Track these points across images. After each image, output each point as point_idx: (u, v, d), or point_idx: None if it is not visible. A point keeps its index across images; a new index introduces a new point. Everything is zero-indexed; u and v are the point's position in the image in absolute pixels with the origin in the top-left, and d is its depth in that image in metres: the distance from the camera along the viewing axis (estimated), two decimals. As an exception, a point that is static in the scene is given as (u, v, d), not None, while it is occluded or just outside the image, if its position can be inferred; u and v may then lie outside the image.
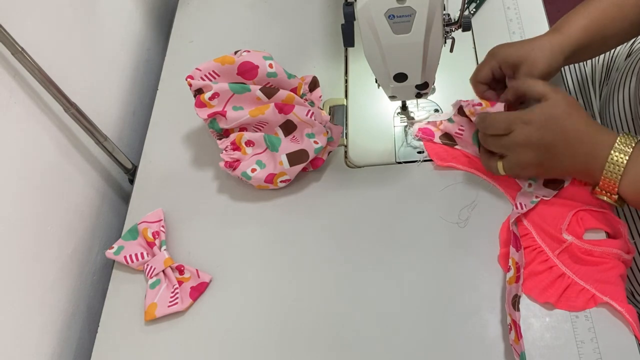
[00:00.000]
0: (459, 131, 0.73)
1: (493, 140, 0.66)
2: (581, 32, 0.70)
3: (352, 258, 0.69)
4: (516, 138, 0.63)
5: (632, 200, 0.63)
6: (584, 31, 0.70)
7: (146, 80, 0.97)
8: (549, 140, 0.62)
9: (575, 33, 0.70)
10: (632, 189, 0.61)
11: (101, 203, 0.83)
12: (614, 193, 0.62)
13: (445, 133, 0.75)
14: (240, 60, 0.73)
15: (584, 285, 0.62)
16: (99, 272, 0.80)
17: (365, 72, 0.73)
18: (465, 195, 0.71)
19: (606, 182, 0.62)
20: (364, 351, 0.63)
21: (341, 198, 0.74)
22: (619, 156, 0.60)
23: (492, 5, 0.88)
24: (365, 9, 0.59)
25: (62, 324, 0.71)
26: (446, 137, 0.75)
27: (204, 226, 0.75)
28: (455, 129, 0.74)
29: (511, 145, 0.64)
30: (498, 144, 0.66)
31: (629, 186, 0.61)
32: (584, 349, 0.59)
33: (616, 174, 0.60)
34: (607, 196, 0.63)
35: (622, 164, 0.60)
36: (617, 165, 0.60)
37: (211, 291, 0.69)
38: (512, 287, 0.62)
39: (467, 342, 0.62)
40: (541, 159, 0.64)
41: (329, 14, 0.94)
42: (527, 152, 0.64)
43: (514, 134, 0.63)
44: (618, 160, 0.60)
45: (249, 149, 0.74)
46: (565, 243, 0.65)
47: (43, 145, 0.71)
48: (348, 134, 0.80)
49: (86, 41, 0.82)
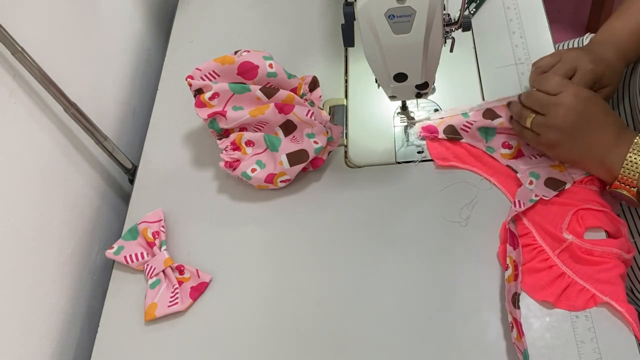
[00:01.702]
0: (467, 124, 0.74)
1: (537, 96, 0.67)
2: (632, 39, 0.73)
3: (352, 258, 0.69)
4: (560, 99, 0.64)
5: None
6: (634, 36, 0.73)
7: (146, 80, 0.97)
8: (588, 116, 0.64)
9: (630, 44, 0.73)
10: None
11: (101, 203, 0.83)
12: (632, 186, 0.63)
13: (450, 126, 0.75)
14: (240, 60, 0.73)
15: (584, 285, 0.62)
16: (99, 272, 0.80)
17: (365, 72, 0.73)
18: (466, 195, 0.71)
19: (624, 178, 0.63)
20: (364, 350, 0.63)
21: (341, 198, 0.74)
22: (636, 157, 0.62)
23: (492, 5, 0.88)
24: (365, 9, 0.59)
25: (62, 324, 0.71)
26: (451, 131, 0.75)
27: (204, 226, 0.75)
28: (462, 123, 0.74)
29: (552, 105, 0.65)
30: (541, 100, 0.66)
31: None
32: (584, 349, 0.59)
33: (634, 171, 0.62)
34: (627, 190, 0.63)
35: (639, 165, 0.61)
36: (635, 164, 0.62)
37: (211, 291, 0.69)
38: (511, 286, 0.62)
39: (467, 341, 0.62)
40: (569, 129, 0.64)
41: (329, 14, 0.94)
42: (564, 117, 0.64)
43: (561, 96, 0.64)
44: (636, 160, 0.62)
45: (249, 149, 0.74)
46: (565, 242, 0.65)
47: (43, 145, 0.71)
48: (348, 134, 0.80)
49: (86, 41, 0.82)
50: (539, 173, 0.70)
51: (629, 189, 0.63)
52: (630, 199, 0.64)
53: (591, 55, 0.71)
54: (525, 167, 0.71)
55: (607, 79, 0.71)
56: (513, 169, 0.72)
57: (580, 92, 0.65)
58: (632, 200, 0.64)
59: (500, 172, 0.72)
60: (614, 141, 0.64)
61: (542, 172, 0.70)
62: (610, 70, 0.71)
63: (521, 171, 0.71)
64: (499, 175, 0.72)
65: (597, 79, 0.70)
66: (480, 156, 0.73)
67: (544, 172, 0.69)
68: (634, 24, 0.73)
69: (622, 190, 0.64)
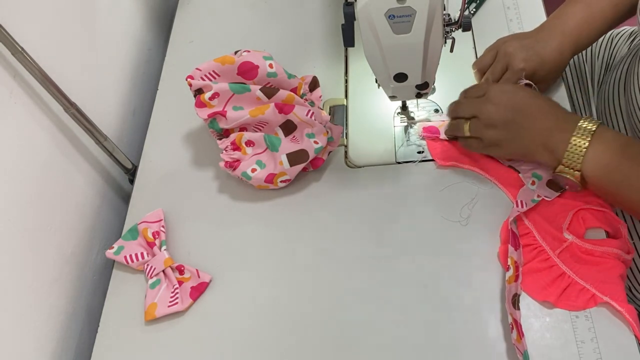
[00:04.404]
0: None
1: (466, 102, 0.70)
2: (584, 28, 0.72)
3: (352, 257, 0.69)
4: (487, 98, 0.67)
5: (591, 185, 0.63)
6: (586, 25, 0.72)
7: (146, 80, 0.97)
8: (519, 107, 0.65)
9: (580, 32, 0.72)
10: (592, 174, 0.62)
11: (101, 203, 0.83)
12: (577, 170, 0.62)
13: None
14: (240, 60, 0.73)
15: (584, 285, 0.62)
16: (99, 272, 0.80)
17: (365, 72, 0.73)
18: (466, 194, 0.71)
19: (568, 162, 0.62)
20: (364, 350, 0.63)
21: (341, 198, 0.74)
22: (579, 141, 0.61)
23: (492, 5, 0.88)
24: (365, 9, 0.59)
25: (62, 324, 0.71)
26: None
27: (204, 226, 0.75)
28: None
29: (481, 104, 0.67)
30: (470, 104, 0.69)
31: (590, 170, 0.61)
32: (584, 349, 0.59)
33: (578, 154, 0.61)
34: (570, 174, 0.63)
35: (583, 149, 0.61)
36: (579, 147, 0.61)
37: (211, 291, 0.69)
38: (511, 286, 0.62)
39: (467, 341, 0.62)
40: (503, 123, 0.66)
41: (329, 14, 0.94)
42: (495, 112, 0.66)
43: (487, 95, 0.67)
44: (579, 144, 0.61)
45: (249, 149, 0.74)
46: (566, 242, 0.65)
47: (43, 145, 0.71)
48: (348, 134, 0.80)
49: (86, 41, 0.82)
50: (542, 174, 0.70)
51: (572, 172, 0.63)
52: (574, 182, 0.63)
53: (525, 52, 0.72)
54: (528, 167, 0.71)
55: (538, 77, 0.72)
56: (515, 169, 0.72)
57: (503, 87, 0.68)
58: (575, 184, 0.63)
59: (501, 172, 0.72)
60: (554, 126, 0.63)
61: (544, 173, 0.70)
62: (544, 68, 0.72)
63: (523, 171, 0.71)
64: (500, 176, 0.72)
65: (527, 77, 0.71)
66: (481, 156, 0.73)
67: (547, 173, 0.69)
68: (587, 12, 0.72)
69: (566, 174, 0.63)
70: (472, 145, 0.70)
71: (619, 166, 0.60)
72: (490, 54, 0.75)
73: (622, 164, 0.60)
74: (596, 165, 0.61)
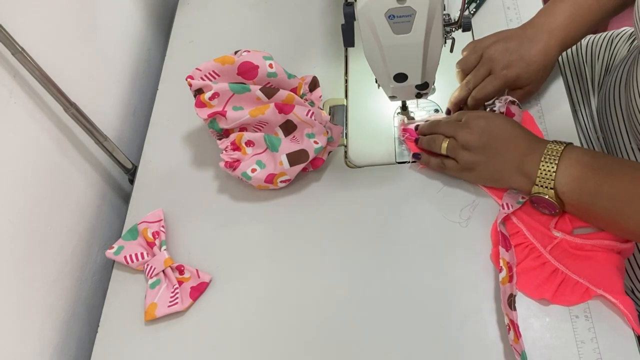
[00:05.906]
0: None
1: (448, 123, 0.71)
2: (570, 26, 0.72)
3: (352, 258, 0.69)
4: (465, 122, 0.69)
5: (567, 202, 0.63)
6: (573, 23, 0.72)
7: (146, 80, 0.97)
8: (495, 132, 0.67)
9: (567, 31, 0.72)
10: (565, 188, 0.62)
11: (101, 203, 0.83)
12: (550, 187, 0.63)
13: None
14: (240, 60, 0.73)
15: (577, 279, 0.62)
16: (99, 272, 0.80)
17: (365, 72, 0.73)
18: (466, 195, 0.71)
19: (542, 182, 0.63)
20: (364, 350, 0.63)
21: (341, 198, 0.74)
22: (550, 159, 0.62)
23: (492, 5, 0.88)
24: (365, 9, 0.59)
25: (62, 324, 0.71)
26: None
27: (204, 226, 0.75)
28: None
29: (459, 127, 0.69)
30: (449, 125, 0.71)
31: (564, 185, 0.62)
32: (584, 349, 0.59)
33: (549, 179, 0.62)
34: (545, 192, 0.63)
35: (554, 165, 0.62)
36: (548, 171, 0.62)
37: (211, 291, 0.69)
38: (505, 287, 0.62)
39: (467, 342, 0.62)
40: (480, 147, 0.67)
41: (329, 14, 0.94)
42: (472, 135, 0.67)
43: (465, 120, 0.69)
44: (550, 161, 0.62)
45: (249, 149, 0.74)
46: (556, 239, 0.65)
47: (43, 145, 0.71)
48: (348, 134, 0.80)
49: (86, 41, 0.82)
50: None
51: (547, 191, 0.63)
52: (551, 202, 0.63)
53: (509, 56, 0.72)
54: None
55: (524, 80, 0.73)
56: None
57: (479, 114, 0.70)
58: (553, 204, 0.63)
59: None
60: (526, 149, 0.65)
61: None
62: (529, 70, 0.72)
63: None
64: None
65: (510, 82, 0.73)
66: None
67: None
68: (574, 10, 0.72)
69: (541, 193, 0.63)
70: (448, 166, 0.71)
71: (591, 176, 0.61)
72: (475, 56, 0.75)
73: (594, 173, 0.61)
74: (569, 178, 0.62)
